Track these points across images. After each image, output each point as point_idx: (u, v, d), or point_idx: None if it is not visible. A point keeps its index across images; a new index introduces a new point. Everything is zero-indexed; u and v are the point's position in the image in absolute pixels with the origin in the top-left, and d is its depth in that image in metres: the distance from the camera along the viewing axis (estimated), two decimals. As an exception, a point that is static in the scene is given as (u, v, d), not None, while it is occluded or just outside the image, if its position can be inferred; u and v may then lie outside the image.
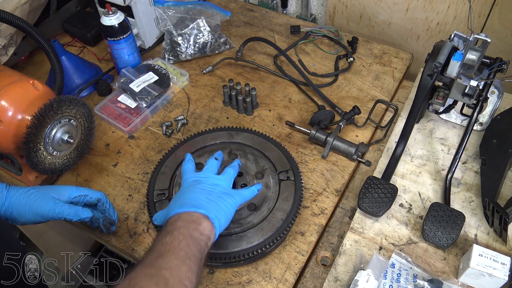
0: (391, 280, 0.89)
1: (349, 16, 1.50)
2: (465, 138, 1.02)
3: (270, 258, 0.96)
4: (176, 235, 0.73)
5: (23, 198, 0.87)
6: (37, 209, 0.86)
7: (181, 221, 0.76)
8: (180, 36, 1.36)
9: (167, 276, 0.66)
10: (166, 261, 0.68)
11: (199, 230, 0.75)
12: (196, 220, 0.76)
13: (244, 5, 1.60)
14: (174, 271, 0.67)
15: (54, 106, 0.97)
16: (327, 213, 1.03)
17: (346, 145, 1.11)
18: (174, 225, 0.75)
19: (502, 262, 0.84)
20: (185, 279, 0.67)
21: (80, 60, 1.34)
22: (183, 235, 0.73)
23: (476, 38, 0.93)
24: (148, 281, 0.64)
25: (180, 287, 0.66)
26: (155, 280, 0.65)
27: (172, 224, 0.76)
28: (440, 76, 0.99)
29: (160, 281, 0.65)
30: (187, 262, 0.69)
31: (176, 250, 0.70)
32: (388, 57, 1.37)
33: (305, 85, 1.30)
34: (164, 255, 0.70)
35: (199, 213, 0.77)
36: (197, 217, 0.77)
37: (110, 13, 1.21)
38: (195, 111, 1.27)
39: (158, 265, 0.68)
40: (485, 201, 0.97)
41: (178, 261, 0.69)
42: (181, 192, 0.84)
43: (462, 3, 1.26)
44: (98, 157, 1.18)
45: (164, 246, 0.71)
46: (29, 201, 0.86)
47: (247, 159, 1.04)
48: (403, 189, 1.05)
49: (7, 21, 1.09)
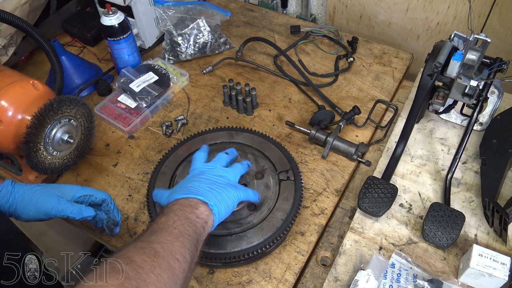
0: (391, 280, 0.89)
1: (349, 16, 1.50)
2: (465, 138, 1.02)
3: (270, 258, 0.96)
4: (171, 216, 0.73)
5: (28, 194, 0.87)
6: (40, 206, 0.86)
7: (178, 205, 0.76)
8: (180, 36, 1.36)
9: (158, 248, 0.65)
10: (158, 236, 0.68)
11: (196, 213, 0.75)
12: (193, 205, 0.76)
13: (244, 5, 1.60)
14: (165, 245, 0.67)
15: (54, 106, 0.97)
16: (327, 213, 1.03)
17: (346, 145, 1.11)
18: (170, 208, 0.76)
19: (502, 262, 0.84)
20: (177, 253, 0.67)
21: (80, 60, 1.34)
22: (177, 216, 0.73)
23: (476, 38, 0.93)
24: (137, 252, 0.64)
25: (171, 259, 0.65)
26: (145, 251, 0.64)
27: (169, 208, 0.76)
28: (440, 76, 0.99)
29: (150, 252, 0.64)
30: (180, 239, 0.69)
31: (170, 228, 0.70)
32: (388, 57, 1.37)
33: (305, 85, 1.30)
34: (157, 232, 0.69)
35: (197, 199, 0.77)
36: (195, 202, 0.77)
37: (110, 13, 1.21)
38: (195, 111, 1.27)
39: (150, 240, 0.67)
40: (485, 201, 0.97)
41: (171, 237, 0.69)
42: (185, 181, 0.84)
43: (462, 3, 1.26)
44: (98, 157, 1.18)
45: (158, 224, 0.71)
46: (33, 198, 0.86)
47: (247, 159, 1.04)
48: (403, 189, 1.05)
49: (7, 21, 1.09)
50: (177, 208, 0.75)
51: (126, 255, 0.63)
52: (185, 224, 0.72)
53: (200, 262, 0.93)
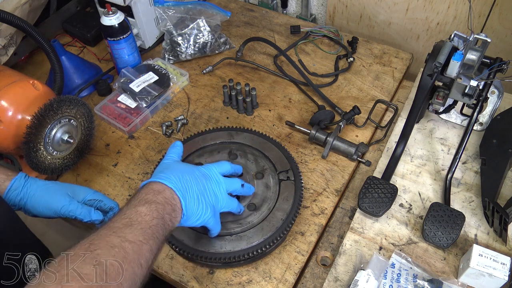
0: (391, 280, 0.89)
1: (349, 16, 1.50)
2: (465, 138, 1.02)
3: (270, 258, 0.96)
4: (152, 210, 0.71)
5: (40, 190, 0.87)
6: (51, 203, 0.86)
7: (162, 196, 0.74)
8: (180, 36, 1.36)
9: (128, 250, 0.65)
10: (132, 232, 0.67)
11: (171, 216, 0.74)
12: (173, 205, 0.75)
13: (244, 5, 1.60)
14: (136, 246, 0.66)
15: (54, 106, 0.97)
16: (327, 213, 1.03)
17: (346, 145, 1.11)
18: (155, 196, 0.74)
19: (502, 262, 0.84)
20: (143, 258, 0.66)
21: (80, 60, 1.34)
22: (157, 213, 0.71)
23: (476, 38, 0.93)
24: (107, 251, 0.63)
25: (136, 266, 0.65)
26: (115, 252, 0.63)
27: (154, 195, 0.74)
28: (440, 76, 0.99)
29: (120, 254, 0.63)
30: (150, 242, 0.68)
31: (146, 227, 0.69)
32: (388, 57, 1.37)
33: (305, 85, 1.30)
34: (133, 225, 0.68)
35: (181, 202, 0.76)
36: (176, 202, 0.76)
37: (110, 13, 1.21)
38: (195, 111, 1.27)
39: (123, 234, 0.66)
40: (485, 201, 0.97)
41: (143, 238, 0.67)
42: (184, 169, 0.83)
43: (462, 3, 1.26)
44: (98, 157, 1.18)
45: (137, 215, 0.70)
46: (45, 194, 0.87)
47: (247, 159, 1.04)
48: (403, 189, 1.05)
49: (7, 21, 1.09)
50: (161, 202, 0.73)
51: (95, 252, 0.62)
52: (159, 225, 0.71)
53: (200, 262, 0.94)
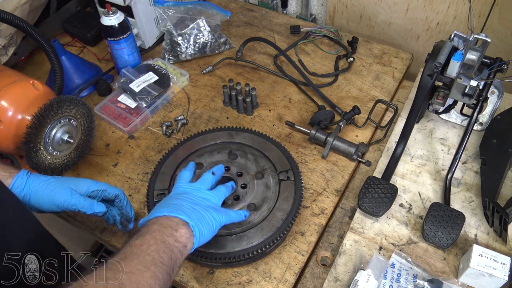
0: (391, 280, 0.89)
1: (349, 16, 1.50)
2: (465, 138, 1.02)
3: (270, 258, 0.96)
4: (147, 239, 0.69)
5: (42, 186, 0.87)
6: (53, 198, 0.86)
7: (157, 224, 0.72)
8: (180, 36, 1.36)
9: (124, 281, 0.61)
10: (128, 263, 0.64)
11: (175, 236, 0.71)
12: (173, 226, 0.73)
13: (244, 5, 1.60)
14: (133, 276, 0.62)
15: (54, 106, 0.97)
16: (327, 213, 1.03)
17: (346, 145, 1.11)
18: (149, 228, 0.72)
19: (502, 262, 0.84)
20: (145, 285, 0.63)
21: (80, 60, 1.34)
22: (154, 239, 0.69)
23: (476, 38, 0.93)
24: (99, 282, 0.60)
25: None
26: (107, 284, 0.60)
27: (147, 227, 0.72)
28: (440, 76, 0.99)
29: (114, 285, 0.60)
30: (152, 268, 0.65)
31: (143, 254, 0.66)
32: (388, 57, 1.37)
33: (305, 85, 1.30)
34: (128, 258, 0.65)
35: (178, 218, 0.74)
36: (175, 222, 0.74)
37: (110, 13, 1.21)
38: (195, 111, 1.27)
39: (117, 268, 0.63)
40: (485, 201, 0.97)
41: (142, 266, 0.64)
42: (167, 198, 0.82)
43: (462, 3, 1.26)
44: (98, 157, 1.18)
45: (132, 248, 0.68)
46: (47, 190, 0.86)
47: (247, 159, 1.04)
48: (403, 189, 1.05)
49: (7, 21, 1.09)
50: (155, 229, 0.71)
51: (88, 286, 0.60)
52: (160, 249, 0.68)
53: (200, 262, 0.94)
